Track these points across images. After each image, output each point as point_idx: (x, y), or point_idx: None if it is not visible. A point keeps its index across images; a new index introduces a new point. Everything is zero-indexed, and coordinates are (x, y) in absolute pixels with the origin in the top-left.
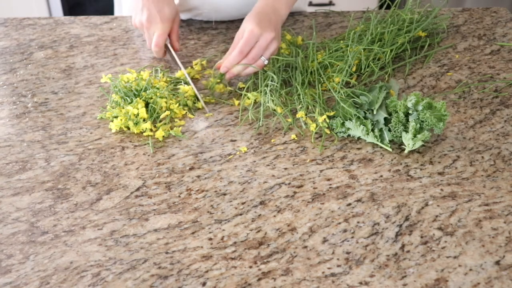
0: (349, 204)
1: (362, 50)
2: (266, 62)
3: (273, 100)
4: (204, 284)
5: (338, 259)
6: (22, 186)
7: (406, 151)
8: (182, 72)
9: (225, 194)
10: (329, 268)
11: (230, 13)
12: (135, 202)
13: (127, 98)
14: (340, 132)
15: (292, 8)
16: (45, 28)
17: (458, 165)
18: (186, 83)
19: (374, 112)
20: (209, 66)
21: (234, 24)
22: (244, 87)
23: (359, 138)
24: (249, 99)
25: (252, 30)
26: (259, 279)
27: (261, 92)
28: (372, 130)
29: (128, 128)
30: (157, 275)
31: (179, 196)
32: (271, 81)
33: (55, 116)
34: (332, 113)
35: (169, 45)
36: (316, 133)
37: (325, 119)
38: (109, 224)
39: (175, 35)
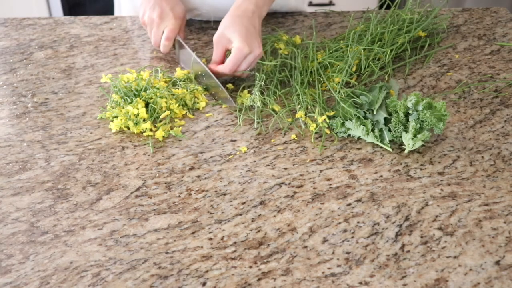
0: (349, 204)
1: (362, 50)
2: (252, 73)
3: (268, 100)
4: (204, 284)
5: (338, 259)
6: (22, 186)
7: (406, 151)
8: (181, 72)
9: (225, 194)
10: (329, 268)
11: None
12: (135, 202)
13: (127, 98)
14: (340, 132)
15: (268, 9)
16: (45, 28)
17: (458, 165)
18: (193, 78)
19: (374, 112)
20: None
21: None
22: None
23: (359, 138)
24: (243, 103)
25: (242, 49)
26: (259, 279)
27: (252, 93)
28: (372, 130)
29: (128, 128)
30: (157, 275)
31: (179, 196)
32: (265, 80)
33: (55, 116)
34: (332, 113)
35: (180, 40)
36: (316, 133)
37: (325, 119)
38: (109, 224)
39: (183, 33)
